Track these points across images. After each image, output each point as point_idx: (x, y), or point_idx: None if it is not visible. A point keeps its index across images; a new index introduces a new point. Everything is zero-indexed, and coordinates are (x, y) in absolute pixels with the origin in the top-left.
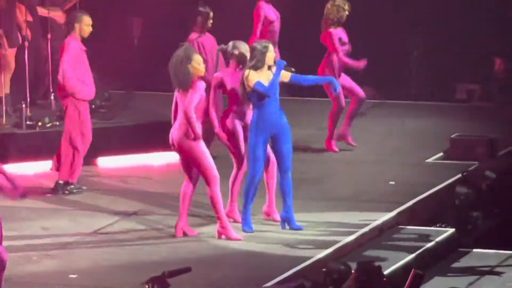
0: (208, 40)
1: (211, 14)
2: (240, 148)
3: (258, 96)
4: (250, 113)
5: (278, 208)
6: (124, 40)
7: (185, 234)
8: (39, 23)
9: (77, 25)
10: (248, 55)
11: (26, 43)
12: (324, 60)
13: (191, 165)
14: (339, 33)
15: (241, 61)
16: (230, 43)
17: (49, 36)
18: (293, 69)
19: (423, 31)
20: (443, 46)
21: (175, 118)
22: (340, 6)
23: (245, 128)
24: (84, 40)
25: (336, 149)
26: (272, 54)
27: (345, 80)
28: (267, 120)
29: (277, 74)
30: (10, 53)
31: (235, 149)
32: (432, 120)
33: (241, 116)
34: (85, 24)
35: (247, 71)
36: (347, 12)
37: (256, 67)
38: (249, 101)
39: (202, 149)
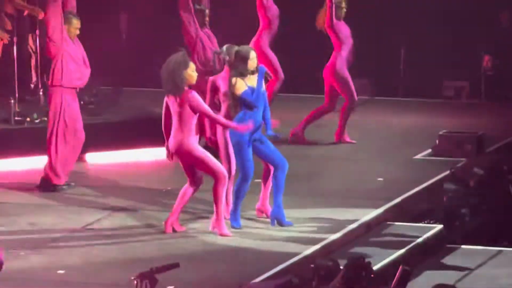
0: (208, 36)
1: (207, 11)
2: (230, 153)
3: (245, 103)
4: None
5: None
6: (112, 36)
7: (174, 230)
8: (27, 18)
9: (65, 26)
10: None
11: (15, 39)
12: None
13: (194, 170)
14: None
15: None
16: (224, 48)
17: (37, 32)
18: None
19: (410, 28)
20: (430, 43)
21: (165, 125)
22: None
23: None
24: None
25: (352, 140)
26: (253, 61)
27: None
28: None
29: (260, 82)
30: None
31: (226, 154)
32: (420, 117)
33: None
34: (73, 27)
35: (234, 79)
36: (344, 10)
37: (241, 74)
38: (237, 107)
39: (201, 150)
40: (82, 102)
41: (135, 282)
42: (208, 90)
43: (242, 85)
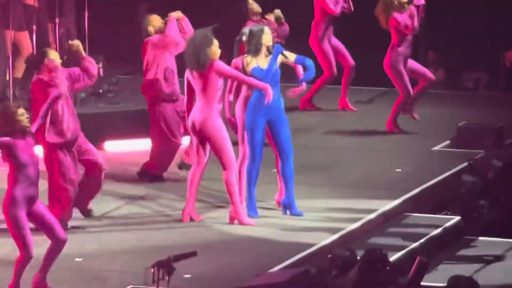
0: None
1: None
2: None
3: (255, 79)
4: None
5: None
6: (131, 25)
7: (191, 219)
8: (46, 7)
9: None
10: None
11: (34, 27)
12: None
13: (206, 149)
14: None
15: None
16: (244, 30)
17: (57, 20)
18: (287, 57)
19: (429, 19)
20: (450, 35)
21: (188, 101)
22: None
23: None
24: (92, 26)
25: (402, 129)
26: (268, 36)
27: (413, 64)
28: (264, 107)
29: (273, 59)
30: (20, 37)
31: (243, 135)
32: (439, 108)
33: None
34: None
35: (246, 57)
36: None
37: (255, 51)
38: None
39: (223, 133)
40: (101, 91)
41: (152, 270)
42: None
43: (252, 62)
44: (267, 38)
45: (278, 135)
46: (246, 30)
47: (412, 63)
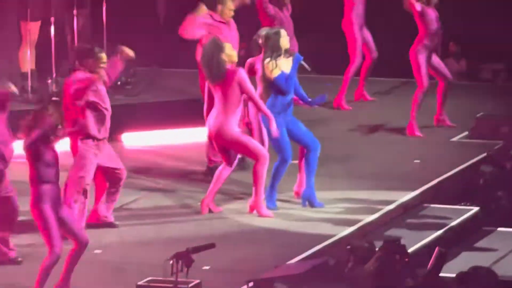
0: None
1: None
2: (263, 136)
3: (277, 87)
4: None
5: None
6: (149, 16)
7: (210, 211)
8: None
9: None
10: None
11: (52, 19)
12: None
13: (229, 151)
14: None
15: None
16: (261, 32)
17: (75, 12)
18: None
19: (445, 12)
20: (467, 26)
21: (208, 108)
22: None
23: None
24: (113, 18)
25: (420, 134)
26: (285, 38)
27: (436, 61)
28: (281, 107)
29: (294, 68)
30: (34, 27)
31: (259, 137)
32: (458, 100)
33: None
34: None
35: (269, 62)
36: None
37: (275, 55)
38: (269, 90)
39: (239, 134)
40: (119, 83)
41: (171, 262)
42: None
43: (277, 69)
44: (284, 41)
45: (298, 131)
46: (262, 32)
47: (435, 59)
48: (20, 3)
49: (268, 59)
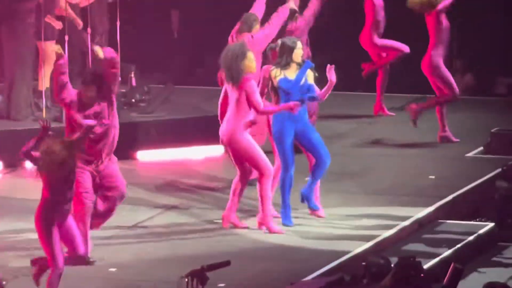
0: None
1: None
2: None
3: (284, 92)
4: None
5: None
6: (163, 34)
7: (234, 226)
8: (79, 17)
9: None
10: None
11: (66, 37)
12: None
13: (241, 160)
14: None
15: None
16: (278, 41)
17: (89, 30)
18: (316, 74)
19: (461, 25)
20: (482, 39)
21: (221, 110)
22: None
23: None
24: (127, 37)
25: (456, 139)
26: (300, 51)
27: (445, 71)
28: (291, 115)
29: (302, 72)
30: (49, 46)
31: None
32: (473, 114)
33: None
34: None
35: (273, 69)
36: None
37: (284, 65)
38: (278, 97)
39: (251, 142)
40: (133, 100)
41: (186, 280)
42: (262, 77)
43: (278, 73)
44: (298, 53)
45: (309, 140)
46: (279, 41)
47: (444, 69)
48: (37, 22)
49: (275, 67)
